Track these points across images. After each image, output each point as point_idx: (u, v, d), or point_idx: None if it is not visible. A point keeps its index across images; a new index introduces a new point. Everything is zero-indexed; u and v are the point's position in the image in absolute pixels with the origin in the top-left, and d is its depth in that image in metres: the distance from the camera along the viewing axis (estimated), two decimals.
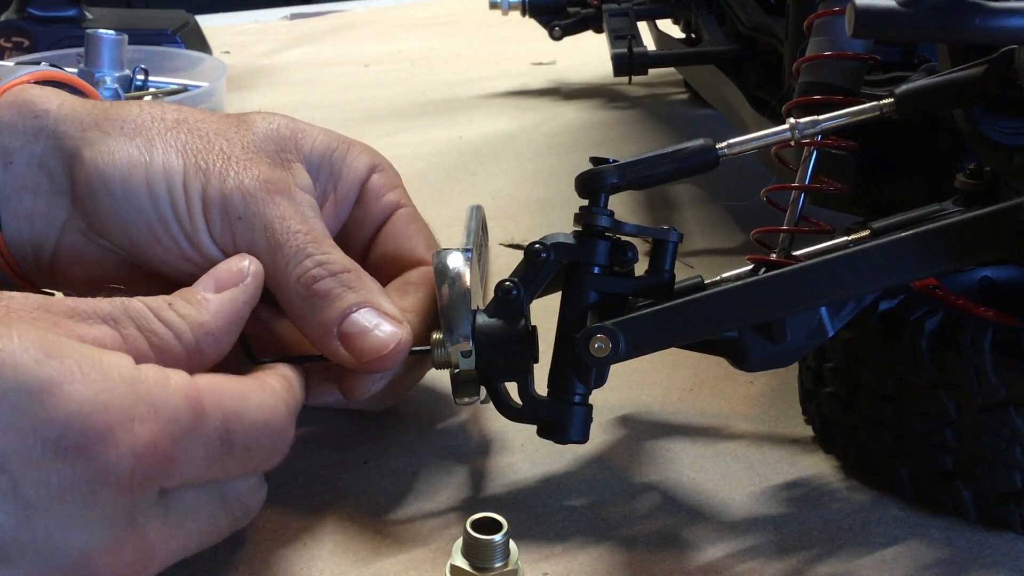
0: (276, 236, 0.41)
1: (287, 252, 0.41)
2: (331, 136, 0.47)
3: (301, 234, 0.42)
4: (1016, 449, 0.38)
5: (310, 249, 0.41)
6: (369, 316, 0.41)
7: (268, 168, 0.43)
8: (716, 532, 0.40)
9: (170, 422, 0.32)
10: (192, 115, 0.44)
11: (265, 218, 0.42)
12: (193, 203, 0.42)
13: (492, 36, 1.22)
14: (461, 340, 0.39)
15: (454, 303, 0.40)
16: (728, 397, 0.49)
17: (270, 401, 0.36)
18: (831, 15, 0.47)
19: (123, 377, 0.32)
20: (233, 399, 0.35)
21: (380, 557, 0.39)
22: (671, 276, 0.40)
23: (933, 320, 0.40)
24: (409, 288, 0.45)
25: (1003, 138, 0.40)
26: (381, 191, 0.47)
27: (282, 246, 0.41)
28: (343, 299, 0.41)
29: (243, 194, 0.42)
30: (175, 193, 0.42)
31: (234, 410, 0.34)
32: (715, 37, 0.81)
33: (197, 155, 0.42)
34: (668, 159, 0.41)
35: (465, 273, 0.41)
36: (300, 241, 0.41)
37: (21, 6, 0.95)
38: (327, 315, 0.41)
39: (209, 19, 1.23)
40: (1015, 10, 0.35)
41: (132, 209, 0.42)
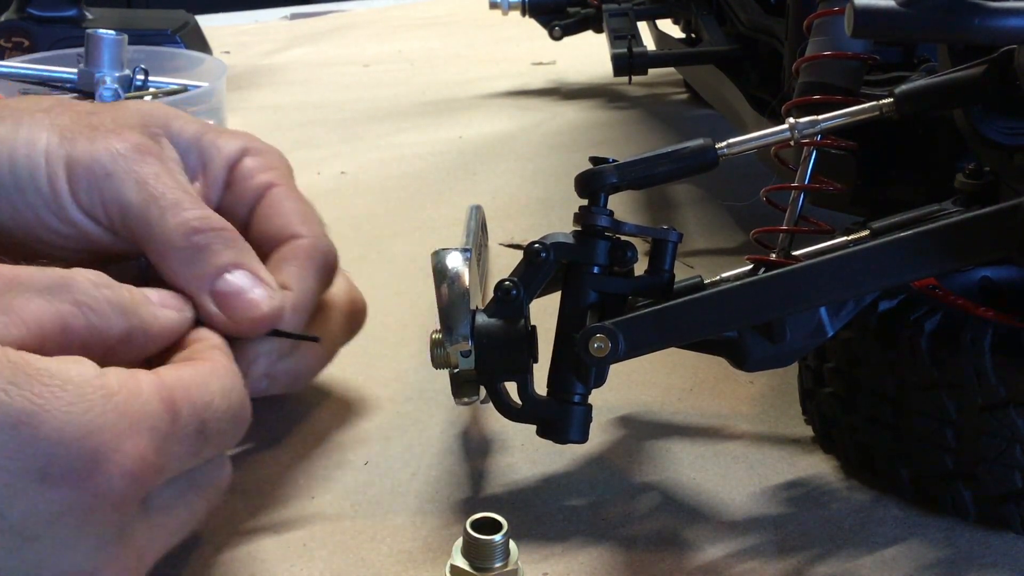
0: (150, 189, 0.40)
1: (163, 203, 0.40)
2: (202, 123, 0.46)
3: (178, 189, 0.41)
4: (1016, 449, 0.38)
5: (187, 203, 0.40)
6: (244, 278, 0.40)
7: (138, 136, 0.42)
8: (716, 532, 0.40)
9: (152, 431, 0.32)
10: (66, 101, 0.44)
11: (137, 174, 0.41)
12: (56, 170, 0.40)
13: (492, 36, 1.22)
14: (460, 340, 0.39)
15: (453, 303, 0.40)
16: (728, 397, 0.49)
17: (228, 380, 0.35)
18: (831, 15, 0.47)
19: (99, 394, 0.31)
20: (199, 389, 0.34)
21: (380, 557, 0.39)
22: (671, 276, 0.40)
23: (933, 320, 0.40)
24: (281, 264, 0.43)
25: (1003, 138, 0.40)
26: (252, 173, 0.46)
27: (157, 198, 0.40)
28: (221, 255, 0.40)
29: (112, 155, 0.41)
30: (36, 161, 0.40)
31: (203, 402, 0.34)
32: (715, 37, 0.81)
33: (64, 129, 0.41)
34: (668, 159, 0.41)
35: (464, 273, 0.41)
36: (177, 195, 0.41)
37: (21, 6, 0.95)
38: (204, 269, 0.40)
39: (209, 19, 1.23)
40: (1015, 10, 0.35)
41: (2, 182, 0.40)
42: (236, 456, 0.45)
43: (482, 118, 0.93)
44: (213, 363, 0.36)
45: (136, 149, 0.41)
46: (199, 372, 0.35)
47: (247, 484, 0.43)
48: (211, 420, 0.34)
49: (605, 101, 0.98)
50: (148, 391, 0.32)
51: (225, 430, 0.35)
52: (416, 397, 0.49)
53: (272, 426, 0.47)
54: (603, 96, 0.99)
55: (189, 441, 0.33)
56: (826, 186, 0.43)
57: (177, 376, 0.34)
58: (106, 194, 0.41)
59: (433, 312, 0.50)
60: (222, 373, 0.36)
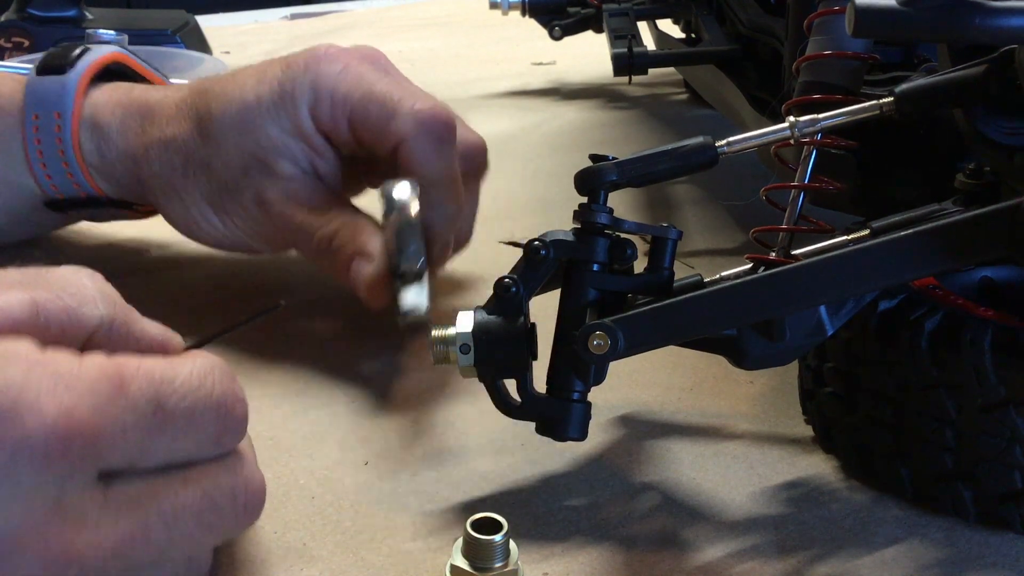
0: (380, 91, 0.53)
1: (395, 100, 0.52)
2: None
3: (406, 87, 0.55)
4: (1016, 449, 0.38)
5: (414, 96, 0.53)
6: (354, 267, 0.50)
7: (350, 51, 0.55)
8: (716, 532, 0.40)
9: (85, 393, 0.30)
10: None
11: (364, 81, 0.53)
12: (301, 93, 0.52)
13: (492, 36, 1.22)
14: (412, 258, 0.40)
15: (402, 228, 0.41)
16: (728, 397, 0.49)
17: (203, 365, 0.33)
18: (831, 14, 0.47)
19: (23, 358, 0.30)
20: (160, 369, 0.32)
21: (380, 557, 0.39)
22: (670, 274, 0.40)
23: (933, 320, 0.40)
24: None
25: (1003, 138, 0.40)
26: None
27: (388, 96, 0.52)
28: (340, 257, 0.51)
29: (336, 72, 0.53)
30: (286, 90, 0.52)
31: (160, 375, 0.32)
32: (715, 37, 0.81)
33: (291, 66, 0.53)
34: (668, 156, 0.41)
35: (412, 202, 0.42)
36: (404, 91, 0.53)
37: (21, 6, 0.95)
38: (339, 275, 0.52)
39: (209, 19, 1.23)
40: (1015, 10, 0.35)
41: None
42: None
43: (482, 118, 0.93)
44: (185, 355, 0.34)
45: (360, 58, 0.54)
46: (168, 360, 0.33)
47: None
48: (172, 395, 0.32)
49: (605, 101, 0.98)
50: (89, 363, 0.31)
51: (196, 411, 0.32)
52: (416, 397, 0.49)
53: (271, 425, 0.47)
54: (603, 96, 0.99)
55: (142, 412, 0.31)
56: (826, 185, 0.43)
57: (132, 356, 0.32)
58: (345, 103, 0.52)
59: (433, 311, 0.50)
60: (197, 361, 0.33)
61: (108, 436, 0.30)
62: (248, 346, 0.54)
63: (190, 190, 0.54)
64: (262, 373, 0.51)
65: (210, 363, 0.34)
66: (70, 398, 0.30)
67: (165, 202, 0.55)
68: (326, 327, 0.56)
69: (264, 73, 0.53)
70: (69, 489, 0.30)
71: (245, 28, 1.32)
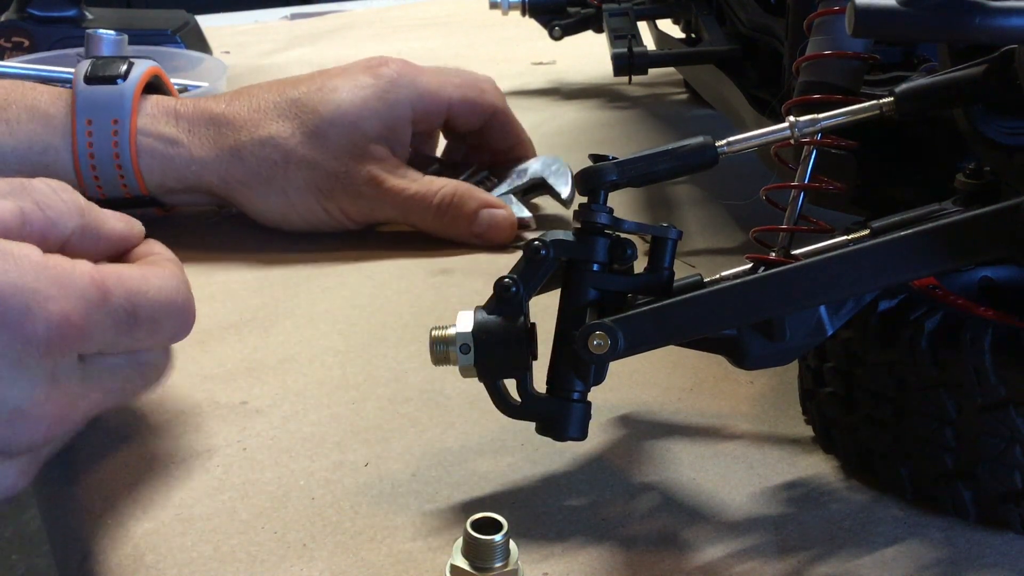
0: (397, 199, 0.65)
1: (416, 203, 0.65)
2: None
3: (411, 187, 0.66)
4: (1016, 449, 0.38)
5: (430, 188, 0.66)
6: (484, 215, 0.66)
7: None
8: (716, 532, 0.40)
9: (79, 299, 0.38)
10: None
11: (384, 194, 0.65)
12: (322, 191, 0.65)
13: (492, 36, 1.22)
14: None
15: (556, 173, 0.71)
16: (728, 397, 0.49)
17: (170, 280, 0.42)
18: (831, 14, 0.47)
19: (33, 264, 0.37)
20: (134, 279, 0.40)
21: (380, 557, 0.39)
22: (670, 274, 0.40)
23: (933, 320, 0.40)
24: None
25: (1003, 138, 0.40)
26: None
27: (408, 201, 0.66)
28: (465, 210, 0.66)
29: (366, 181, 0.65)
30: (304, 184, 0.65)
31: (136, 288, 0.40)
32: (715, 37, 0.81)
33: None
34: (668, 156, 0.40)
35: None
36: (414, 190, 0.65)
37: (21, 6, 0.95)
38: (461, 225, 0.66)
39: (209, 19, 1.23)
40: (1015, 10, 0.34)
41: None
42: (236, 456, 0.45)
43: None
44: (157, 266, 0.43)
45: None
46: (140, 270, 0.41)
47: (247, 484, 0.43)
48: (143, 305, 0.40)
49: (605, 101, 0.98)
50: (81, 270, 0.38)
51: (159, 319, 0.41)
52: (416, 397, 0.49)
53: (271, 426, 0.47)
54: (603, 96, 0.99)
55: (118, 317, 0.39)
56: (826, 185, 0.43)
57: (114, 268, 0.40)
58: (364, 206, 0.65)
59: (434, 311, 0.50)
60: (165, 274, 0.42)
61: (92, 334, 0.38)
62: (248, 346, 0.54)
63: (292, 180, 0.64)
64: (262, 374, 0.51)
65: (174, 278, 0.42)
66: (68, 303, 0.37)
67: (258, 195, 0.64)
68: (326, 328, 0.56)
69: (354, 79, 0.66)
70: (60, 370, 0.38)
71: (245, 28, 1.32)
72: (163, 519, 0.41)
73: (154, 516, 0.41)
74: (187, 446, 0.46)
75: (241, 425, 0.47)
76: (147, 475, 0.44)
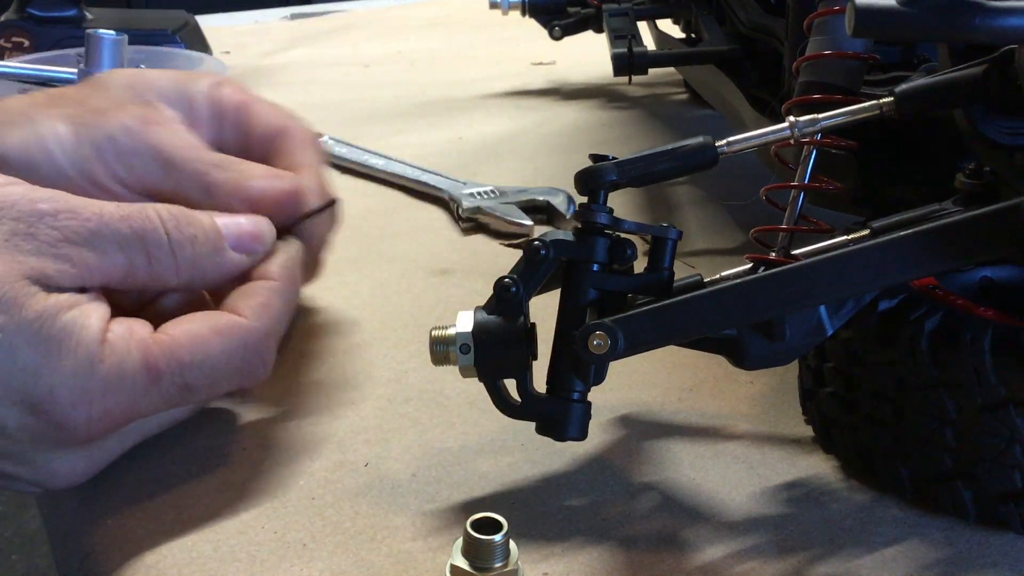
0: (165, 155, 0.48)
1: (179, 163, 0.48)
2: (171, 73, 0.54)
3: (183, 147, 0.49)
4: (1016, 449, 0.38)
5: (194, 153, 0.48)
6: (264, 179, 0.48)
7: (137, 108, 0.50)
8: (716, 532, 0.40)
9: (125, 392, 0.39)
10: (60, 91, 0.52)
11: (151, 144, 0.48)
12: (87, 154, 0.47)
13: (492, 36, 1.22)
14: None
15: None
16: (728, 397, 0.49)
17: (235, 343, 0.41)
18: (831, 14, 0.47)
19: (88, 360, 0.38)
20: (191, 351, 0.40)
21: (380, 557, 0.39)
22: (670, 274, 0.40)
23: (933, 320, 0.40)
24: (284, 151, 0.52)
25: (1003, 138, 0.40)
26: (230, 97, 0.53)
27: (172, 160, 0.48)
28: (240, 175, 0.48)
29: (126, 131, 0.48)
30: (67, 151, 0.47)
31: (190, 361, 0.40)
32: (715, 37, 0.81)
33: (76, 117, 0.48)
34: (668, 156, 0.40)
35: None
36: (184, 152, 0.48)
37: (21, 6, 0.95)
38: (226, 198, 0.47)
39: (209, 19, 1.23)
40: (1015, 9, 0.34)
41: (38, 176, 0.45)
42: (236, 456, 0.45)
43: (482, 118, 0.93)
44: (226, 321, 0.42)
45: (143, 121, 0.49)
46: (202, 331, 0.41)
47: (247, 484, 0.43)
48: (198, 377, 0.40)
49: (605, 101, 0.98)
50: (135, 356, 0.39)
51: (216, 383, 0.41)
52: (416, 397, 0.49)
53: (272, 426, 0.47)
54: (603, 96, 0.99)
55: (169, 394, 0.40)
56: (826, 185, 0.43)
57: (173, 338, 0.40)
58: (137, 170, 0.48)
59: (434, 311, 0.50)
60: (229, 334, 0.41)
61: (137, 414, 0.40)
62: None
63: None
64: None
65: (242, 334, 0.42)
66: (112, 401, 0.38)
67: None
68: (326, 329, 0.56)
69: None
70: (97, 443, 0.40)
71: (245, 28, 1.32)
72: (163, 519, 0.41)
73: (154, 516, 0.41)
74: (187, 446, 0.46)
75: (241, 425, 0.47)
76: (147, 475, 0.44)
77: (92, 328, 0.38)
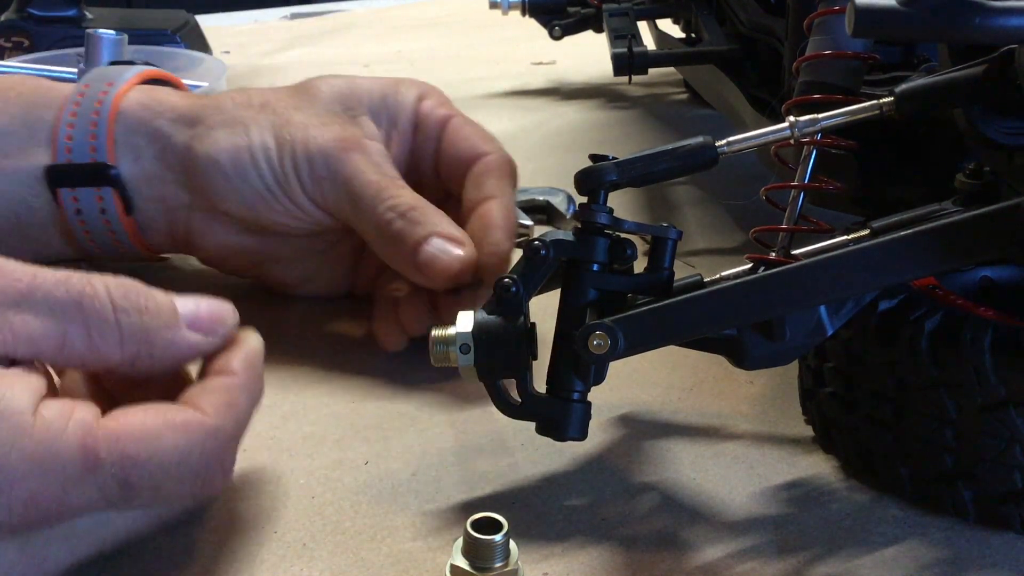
0: (353, 189, 0.51)
1: (364, 202, 0.50)
2: (380, 82, 0.56)
3: (373, 183, 0.51)
4: (1016, 449, 0.38)
5: (382, 195, 0.50)
6: (437, 243, 0.49)
7: (340, 128, 0.52)
8: (716, 532, 0.40)
9: (55, 475, 0.33)
10: (271, 97, 0.54)
11: (343, 174, 0.51)
12: (288, 170, 0.51)
13: (492, 36, 1.22)
14: None
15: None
16: (728, 397, 0.49)
17: (189, 441, 0.35)
18: (831, 14, 0.47)
19: (12, 433, 0.32)
20: (137, 443, 0.34)
21: (380, 557, 0.39)
22: (670, 274, 0.40)
23: (933, 320, 0.40)
24: (480, 179, 0.53)
25: (1003, 138, 0.40)
26: (432, 111, 0.55)
27: (360, 197, 0.51)
28: (413, 234, 0.49)
29: (324, 155, 0.51)
30: (272, 164, 0.51)
31: (135, 454, 0.34)
32: (715, 37, 0.81)
33: (282, 129, 0.52)
34: (668, 156, 0.40)
35: None
36: (373, 190, 0.51)
37: (21, 6, 0.95)
38: (403, 250, 0.49)
39: (209, 19, 1.23)
40: (1015, 10, 0.34)
41: (244, 182, 0.52)
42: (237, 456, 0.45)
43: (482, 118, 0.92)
44: (184, 416, 0.35)
45: (339, 146, 0.51)
46: (155, 423, 0.35)
47: (247, 484, 0.43)
48: (141, 475, 0.34)
49: (605, 101, 0.98)
50: (71, 436, 0.33)
51: (161, 485, 0.35)
52: (416, 397, 0.49)
53: (271, 425, 0.47)
54: (603, 96, 0.99)
55: (107, 488, 0.34)
56: (826, 185, 0.43)
57: (118, 425, 0.34)
58: (326, 193, 0.52)
59: None
60: (187, 430, 0.35)
61: (70, 507, 0.33)
62: None
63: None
64: None
65: (200, 435, 0.35)
66: (39, 483, 0.33)
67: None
68: (327, 328, 0.56)
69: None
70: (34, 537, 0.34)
71: (245, 28, 1.32)
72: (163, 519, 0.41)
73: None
74: None
75: None
76: None
77: (18, 399, 0.33)
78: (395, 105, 0.55)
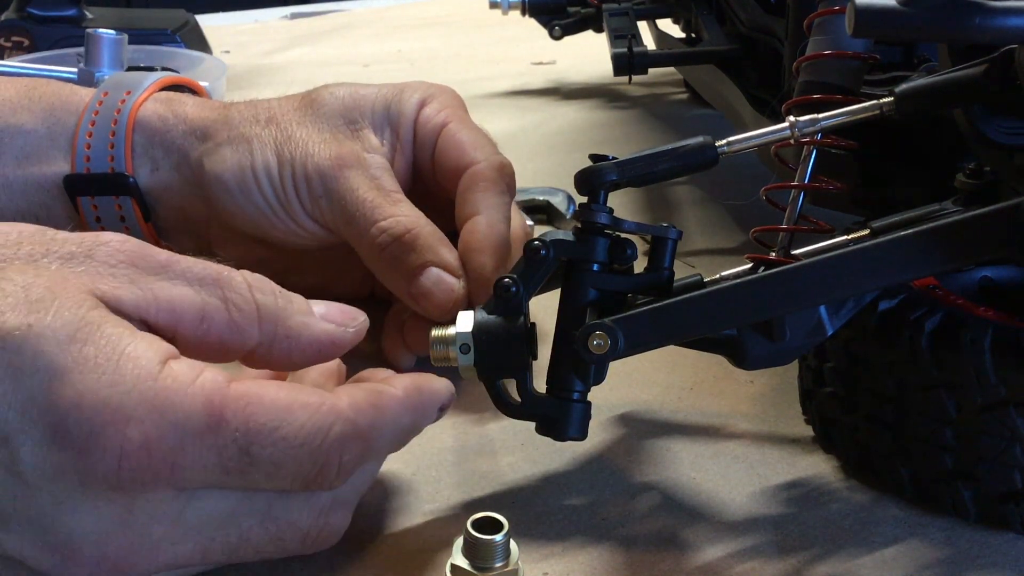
0: (347, 208, 0.50)
1: (358, 222, 0.50)
2: (385, 90, 0.55)
3: (366, 202, 0.50)
4: (1016, 449, 0.38)
5: (375, 215, 0.50)
6: (433, 275, 0.48)
7: (338, 144, 0.52)
8: (716, 532, 0.40)
9: (173, 425, 0.31)
10: (277, 111, 0.54)
11: (337, 192, 0.51)
12: (288, 189, 0.51)
13: (492, 36, 1.22)
14: None
15: None
16: (728, 397, 0.49)
17: (318, 422, 0.34)
18: (831, 14, 0.47)
19: (135, 375, 0.31)
20: (267, 412, 0.33)
21: (380, 557, 0.39)
22: (670, 274, 0.40)
23: (933, 320, 0.40)
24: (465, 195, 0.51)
25: (1003, 138, 0.40)
26: (430, 118, 0.54)
27: (353, 217, 0.50)
28: (408, 262, 0.49)
29: (320, 174, 0.51)
30: (275, 184, 0.51)
31: (262, 423, 0.32)
32: (715, 37, 0.81)
33: (284, 147, 0.52)
34: (668, 156, 0.40)
35: None
36: (366, 209, 0.50)
37: (21, 6, 0.95)
38: (397, 277, 0.49)
39: (209, 19, 1.23)
40: (1015, 10, 0.34)
41: (248, 201, 0.52)
42: None
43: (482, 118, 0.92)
44: (320, 399, 0.34)
45: (336, 165, 0.51)
46: (284, 398, 0.33)
47: None
48: (265, 446, 0.33)
49: (605, 101, 0.98)
50: (198, 389, 0.32)
51: (282, 463, 0.33)
52: None
53: None
54: (603, 96, 0.99)
55: (227, 454, 0.32)
56: (826, 185, 0.43)
57: (249, 390, 0.33)
58: (324, 211, 0.51)
59: None
60: (319, 412, 0.34)
61: (186, 470, 0.32)
62: None
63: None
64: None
65: (331, 418, 0.34)
66: (153, 429, 0.31)
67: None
68: None
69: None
70: (139, 507, 0.32)
71: (245, 28, 1.32)
72: None
73: None
74: None
75: None
76: None
77: (146, 349, 0.32)
78: (397, 114, 0.54)
